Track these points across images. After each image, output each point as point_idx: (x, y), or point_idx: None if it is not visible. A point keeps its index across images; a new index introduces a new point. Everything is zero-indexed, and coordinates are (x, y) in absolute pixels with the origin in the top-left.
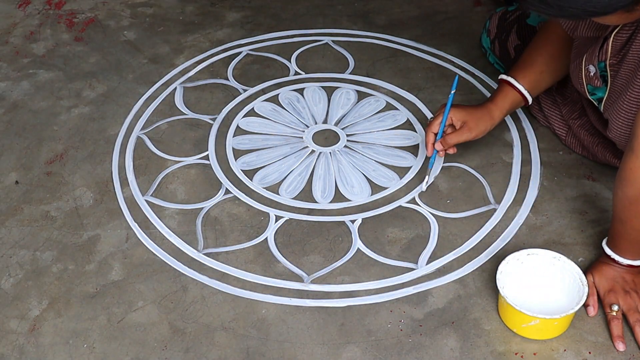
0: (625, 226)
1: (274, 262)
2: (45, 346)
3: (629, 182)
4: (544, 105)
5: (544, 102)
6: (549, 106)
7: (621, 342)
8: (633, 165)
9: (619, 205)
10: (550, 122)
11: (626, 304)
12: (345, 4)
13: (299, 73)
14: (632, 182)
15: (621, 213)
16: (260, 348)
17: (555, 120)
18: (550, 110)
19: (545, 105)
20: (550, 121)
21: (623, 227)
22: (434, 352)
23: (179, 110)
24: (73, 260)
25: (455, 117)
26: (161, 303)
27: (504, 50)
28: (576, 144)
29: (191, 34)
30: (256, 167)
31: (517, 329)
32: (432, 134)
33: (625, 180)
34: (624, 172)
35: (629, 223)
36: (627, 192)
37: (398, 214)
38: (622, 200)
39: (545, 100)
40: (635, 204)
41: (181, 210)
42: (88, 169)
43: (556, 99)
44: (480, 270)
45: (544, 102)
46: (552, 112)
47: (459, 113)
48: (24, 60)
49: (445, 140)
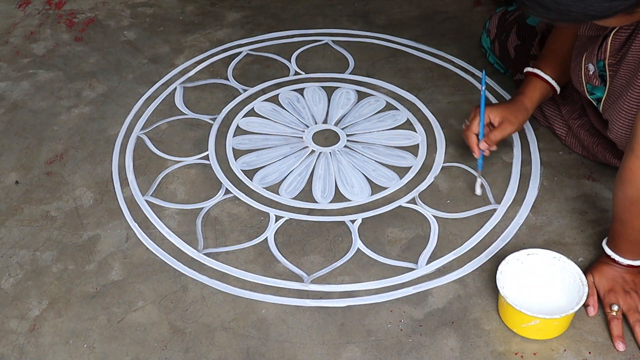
0: (625, 227)
1: (274, 262)
2: (45, 346)
3: (629, 183)
4: (544, 105)
5: (544, 102)
6: (549, 106)
7: (621, 342)
8: (633, 165)
9: (619, 206)
10: (550, 122)
11: (626, 304)
12: (345, 4)
13: (299, 73)
14: (632, 183)
15: (621, 214)
16: (260, 348)
17: (555, 120)
18: (550, 110)
19: (545, 106)
20: (550, 121)
21: (623, 227)
22: (434, 352)
23: (179, 110)
24: (73, 260)
25: (493, 115)
26: (161, 303)
27: (504, 50)
28: (576, 144)
29: (191, 34)
30: (256, 167)
31: (517, 329)
32: (474, 135)
33: (625, 181)
34: (623, 172)
35: (629, 223)
36: (627, 193)
37: (398, 214)
38: (622, 201)
39: (545, 101)
40: (635, 205)
41: (181, 210)
42: (88, 169)
43: (556, 99)
44: (480, 270)
45: (544, 103)
46: (552, 112)
47: (495, 110)
48: (24, 60)
49: (490, 138)
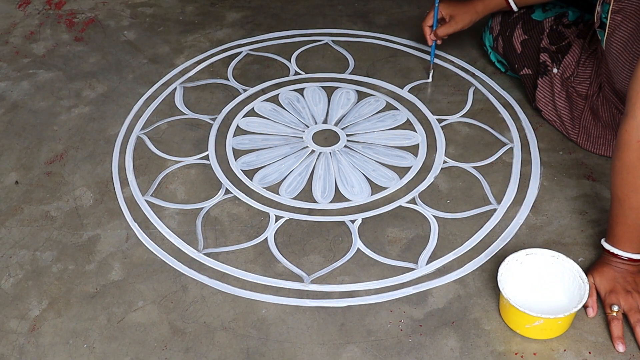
0: (623, 206)
1: (274, 262)
2: (45, 346)
3: (625, 146)
4: (557, 97)
5: (558, 95)
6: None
7: (621, 343)
8: (628, 127)
9: (617, 179)
10: (560, 114)
11: (627, 303)
12: (345, 4)
13: (299, 73)
14: (628, 145)
15: (619, 190)
16: (260, 348)
17: (564, 112)
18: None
19: (558, 97)
20: (560, 114)
21: (621, 207)
22: (434, 352)
23: (179, 110)
24: (73, 260)
25: (444, 12)
26: (161, 303)
27: (508, 46)
28: (582, 133)
29: (191, 34)
30: (256, 167)
31: (520, 329)
32: (428, 27)
33: (621, 145)
34: (620, 137)
35: (626, 202)
36: (624, 159)
37: (398, 214)
38: (619, 172)
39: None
40: (632, 173)
41: (181, 210)
42: (88, 169)
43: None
44: (480, 270)
45: (557, 96)
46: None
47: (447, 8)
48: (24, 60)
49: (437, 33)
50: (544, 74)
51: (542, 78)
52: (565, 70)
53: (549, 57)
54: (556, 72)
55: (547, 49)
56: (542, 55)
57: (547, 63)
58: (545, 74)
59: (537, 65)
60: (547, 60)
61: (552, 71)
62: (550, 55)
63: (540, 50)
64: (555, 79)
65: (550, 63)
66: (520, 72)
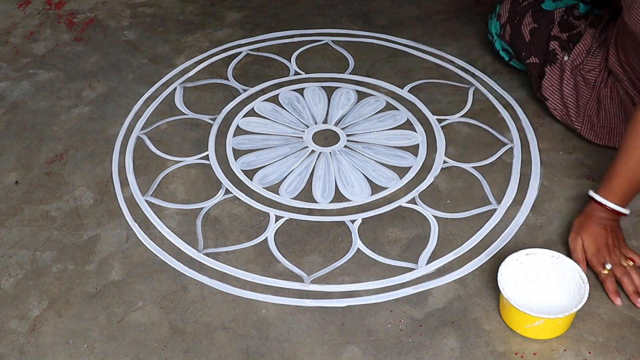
0: (629, 159)
1: (274, 262)
2: (45, 346)
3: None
4: (566, 86)
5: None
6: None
7: (618, 297)
8: None
9: (633, 129)
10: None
11: (612, 260)
12: (345, 4)
13: (299, 73)
14: None
15: (630, 140)
16: (260, 348)
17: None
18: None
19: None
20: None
21: (627, 160)
22: (434, 352)
23: (179, 110)
24: (73, 260)
25: None
26: (161, 303)
27: (516, 34)
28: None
29: (191, 34)
30: (256, 167)
31: (520, 329)
32: None
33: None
34: None
35: (633, 153)
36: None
37: (398, 214)
38: (637, 124)
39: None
40: None
41: (181, 210)
42: (88, 169)
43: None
44: (480, 270)
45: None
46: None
47: None
48: (24, 60)
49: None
50: (552, 62)
51: (551, 66)
52: (576, 59)
53: (559, 46)
54: (566, 60)
55: (557, 37)
56: (552, 43)
57: (557, 51)
58: (554, 62)
59: (545, 54)
60: (556, 49)
61: (563, 59)
62: (560, 44)
63: (551, 38)
64: (565, 67)
65: (560, 51)
66: (527, 60)
